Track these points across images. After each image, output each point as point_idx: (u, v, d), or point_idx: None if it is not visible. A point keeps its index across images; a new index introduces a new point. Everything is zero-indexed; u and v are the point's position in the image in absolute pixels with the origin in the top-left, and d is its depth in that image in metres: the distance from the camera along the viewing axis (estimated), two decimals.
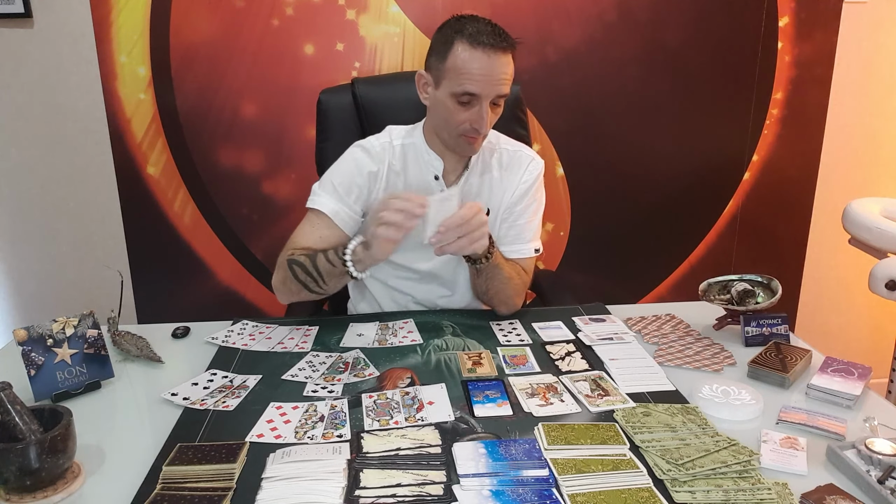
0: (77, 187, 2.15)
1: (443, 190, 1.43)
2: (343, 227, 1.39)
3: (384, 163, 1.42)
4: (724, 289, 1.42)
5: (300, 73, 2.06)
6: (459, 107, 1.31)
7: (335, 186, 1.40)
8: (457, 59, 1.28)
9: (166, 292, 2.21)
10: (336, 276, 1.32)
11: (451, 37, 1.30)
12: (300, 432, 1.02)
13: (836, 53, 2.27)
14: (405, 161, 1.44)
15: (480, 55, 1.27)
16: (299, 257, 1.34)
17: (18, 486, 0.88)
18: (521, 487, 0.89)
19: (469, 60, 1.27)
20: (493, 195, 1.48)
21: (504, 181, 1.48)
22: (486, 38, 1.26)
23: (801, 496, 0.88)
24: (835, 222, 2.12)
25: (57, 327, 1.13)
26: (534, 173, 1.50)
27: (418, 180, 1.43)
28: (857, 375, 1.16)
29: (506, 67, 1.29)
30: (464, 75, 1.28)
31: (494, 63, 1.27)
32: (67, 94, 2.07)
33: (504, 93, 1.31)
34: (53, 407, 0.96)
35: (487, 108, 1.30)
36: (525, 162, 1.50)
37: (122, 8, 1.98)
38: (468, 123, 1.32)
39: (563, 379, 1.18)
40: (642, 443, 0.98)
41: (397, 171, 1.43)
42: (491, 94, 1.29)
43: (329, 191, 1.40)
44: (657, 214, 2.34)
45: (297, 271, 1.33)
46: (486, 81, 1.28)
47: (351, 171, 1.41)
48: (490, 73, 1.27)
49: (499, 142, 1.51)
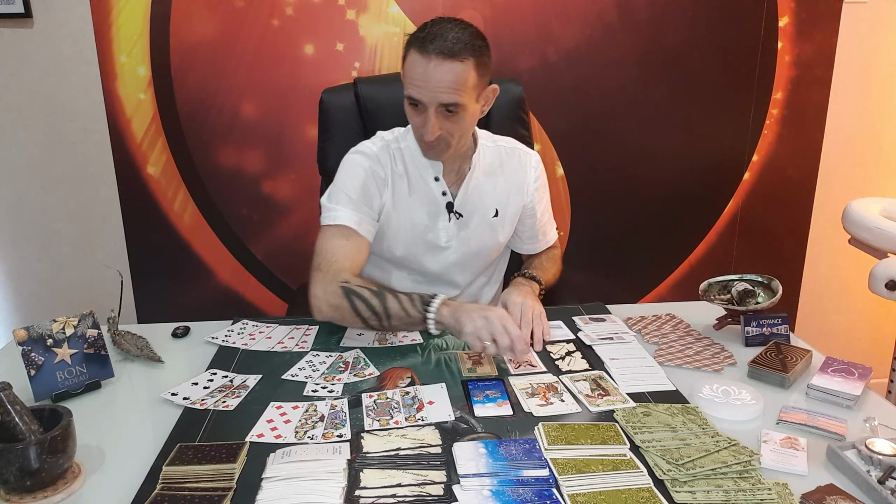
0: (77, 187, 2.15)
1: (444, 193, 1.43)
2: (367, 235, 1.37)
3: (388, 166, 1.42)
4: (724, 289, 1.42)
5: (300, 74, 2.06)
6: (412, 111, 1.31)
7: (350, 197, 1.36)
8: (407, 63, 1.28)
9: (166, 292, 2.21)
10: (408, 324, 1.26)
11: (409, 41, 1.29)
12: (300, 432, 1.02)
13: (836, 53, 2.27)
14: (405, 163, 1.43)
15: (423, 61, 1.24)
16: (362, 291, 1.26)
17: (18, 486, 0.88)
18: (522, 487, 0.89)
19: (413, 65, 1.26)
20: (498, 194, 1.48)
21: (511, 182, 1.49)
22: (433, 45, 1.23)
23: (801, 496, 0.88)
24: (835, 222, 2.12)
25: (57, 327, 1.13)
26: (538, 169, 1.53)
27: (419, 182, 1.43)
28: (858, 375, 1.16)
29: (448, 76, 1.23)
30: (408, 80, 1.28)
31: (437, 70, 1.23)
32: (67, 94, 2.07)
33: (446, 101, 1.25)
34: (53, 407, 0.96)
35: (432, 116, 1.27)
36: (526, 160, 1.51)
37: (122, 8, 1.98)
38: (420, 129, 1.31)
39: (564, 379, 1.18)
40: (642, 443, 0.98)
41: (400, 173, 1.42)
42: (432, 101, 1.25)
43: (345, 202, 1.36)
44: (657, 214, 2.34)
45: (358, 306, 1.25)
46: (426, 88, 1.25)
47: (362, 178, 1.38)
48: (428, 80, 1.24)
49: (494, 140, 1.51)
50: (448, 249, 1.46)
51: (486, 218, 1.47)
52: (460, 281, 1.51)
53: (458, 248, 1.46)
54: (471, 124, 1.35)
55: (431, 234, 1.44)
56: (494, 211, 1.48)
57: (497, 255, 1.56)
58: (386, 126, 1.54)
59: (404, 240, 1.44)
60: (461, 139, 1.35)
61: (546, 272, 1.53)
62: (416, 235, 1.44)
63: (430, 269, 1.47)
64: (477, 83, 1.29)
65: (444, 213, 1.43)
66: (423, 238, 1.44)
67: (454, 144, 1.34)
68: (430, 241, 1.44)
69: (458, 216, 1.44)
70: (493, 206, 1.47)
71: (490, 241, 1.49)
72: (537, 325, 1.29)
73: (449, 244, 1.45)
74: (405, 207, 1.42)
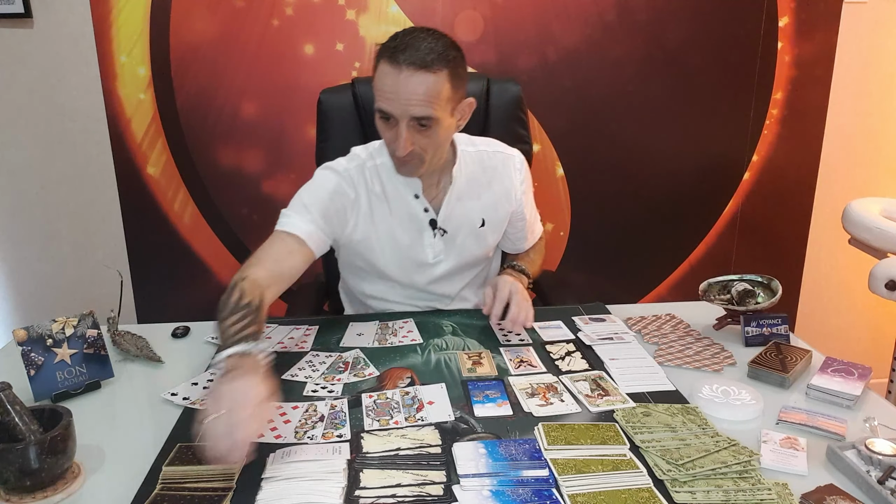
0: (77, 187, 2.15)
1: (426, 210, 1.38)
2: (314, 248, 1.31)
3: (362, 187, 1.36)
4: (724, 289, 1.42)
5: (300, 74, 2.06)
6: (383, 125, 1.26)
7: (307, 207, 1.32)
8: (377, 74, 1.23)
9: (166, 292, 2.21)
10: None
11: (379, 51, 1.23)
12: (300, 432, 1.02)
13: (835, 53, 2.27)
14: (382, 182, 1.38)
15: (394, 72, 1.19)
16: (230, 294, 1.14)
17: (18, 486, 0.88)
18: (521, 488, 0.89)
19: (383, 77, 1.21)
20: (488, 206, 1.44)
21: (497, 191, 1.45)
22: (404, 55, 1.18)
23: (801, 496, 0.88)
24: (835, 222, 2.12)
25: (57, 327, 1.13)
26: (522, 171, 1.49)
27: (398, 202, 1.38)
28: (857, 376, 1.16)
29: (419, 87, 1.18)
30: (378, 92, 1.22)
31: (407, 82, 1.18)
32: (67, 94, 2.07)
33: (417, 115, 1.20)
34: (53, 407, 0.96)
35: (404, 130, 1.21)
36: (509, 164, 1.46)
37: (121, 8, 1.98)
38: (392, 144, 1.26)
39: (563, 379, 1.18)
40: (642, 443, 0.98)
41: (378, 193, 1.37)
42: (403, 114, 1.20)
43: (300, 211, 1.31)
44: (657, 214, 2.34)
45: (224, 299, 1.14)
46: (396, 100, 1.20)
47: (322, 191, 1.34)
48: (399, 92, 1.19)
49: (473, 143, 1.45)
50: (437, 265, 1.44)
51: (473, 229, 1.44)
52: (451, 291, 1.50)
53: (446, 262, 1.44)
54: (445, 139, 1.30)
55: (418, 252, 1.41)
56: (481, 221, 1.44)
57: (488, 260, 1.55)
58: None
59: (391, 258, 1.41)
60: (435, 154, 1.30)
61: (533, 264, 1.55)
62: (403, 254, 1.41)
63: (420, 283, 1.46)
64: (451, 96, 1.23)
65: (427, 229, 1.40)
66: (409, 256, 1.41)
67: (428, 160, 1.29)
68: (417, 258, 1.42)
69: (443, 232, 1.41)
70: (479, 217, 1.44)
71: (479, 250, 1.47)
72: (522, 308, 1.30)
73: (437, 259, 1.43)
74: (388, 227, 1.38)
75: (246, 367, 0.97)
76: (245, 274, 1.19)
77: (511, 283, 1.34)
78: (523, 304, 1.32)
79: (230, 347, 1.01)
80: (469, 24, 2.06)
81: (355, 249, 1.41)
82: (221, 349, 1.02)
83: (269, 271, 1.23)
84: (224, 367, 0.99)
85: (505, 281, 1.34)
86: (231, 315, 1.09)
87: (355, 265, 1.46)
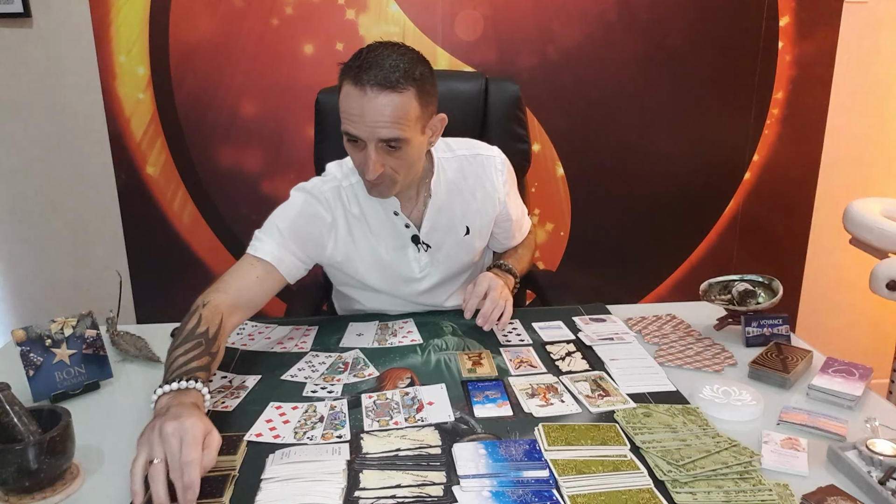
0: (76, 187, 2.15)
1: (407, 226, 1.35)
2: (286, 275, 1.27)
3: (338, 210, 1.33)
4: (724, 289, 1.42)
5: (300, 73, 2.06)
6: (351, 148, 1.22)
7: (280, 231, 1.27)
8: (342, 95, 1.18)
9: (165, 292, 2.21)
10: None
11: (343, 70, 1.19)
12: (300, 433, 1.02)
13: (836, 53, 2.27)
14: (359, 203, 1.34)
15: (358, 94, 1.14)
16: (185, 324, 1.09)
17: (17, 487, 0.88)
18: (522, 488, 0.89)
19: (347, 98, 1.16)
20: (470, 213, 1.41)
21: (479, 196, 1.41)
22: (367, 75, 1.14)
23: (801, 497, 0.88)
24: (835, 222, 2.12)
25: (55, 327, 1.13)
26: (504, 172, 1.44)
27: (378, 221, 1.35)
28: (858, 376, 1.16)
29: (386, 109, 1.14)
30: (344, 114, 1.18)
31: (372, 103, 1.14)
32: (66, 94, 2.07)
33: (385, 136, 1.16)
34: (52, 407, 0.96)
35: (373, 152, 1.17)
36: (489, 166, 1.42)
37: (121, 7, 1.98)
38: (362, 167, 1.22)
39: (564, 379, 1.18)
40: (643, 443, 0.97)
41: (356, 215, 1.34)
42: (370, 137, 1.16)
43: (273, 235, 1.27)
44: (658, 214, 2.34)
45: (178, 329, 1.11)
46: (363, 123, 1.15)
47: (295, 215, 1.30)
48: (364, 115, 1.15)
49: (451, 148, 1.41)
50: (423, 279, 1.41)
51: (458, 238, 1.41)
52: (441, 300, 1.48)
53: (433, 274, 1.42)
54: (418, 158, 1.26)
55: (403, 268, 1.39)
56: (465, 229, 1.41)
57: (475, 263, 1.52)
58: None
59: (378, 276, 1.39)
60: (408, 174, 1.25)
61: (521, 261, 1.54)
62: (389, 271, 1.39)
63: (409, 295, 1.44)
64: (420, 114, 1.19)
65: (411, 245, 1.38)
66: (395, 272, 1.39)
67: (400, 181, 1.24)
68: (403, 274, 1.40)
69: (427, 247, 1.38)
70: (462, 226, 1.41)
71: (465, 258, 1.45)
72: (498, 308, 1.31)
73: (423, 273, 1.41)
74: (369, 246, 1.36)
75: (186, 403, 0.91)
76: (208, 299, 1.14)
77: (490, 279, 1.34)
78: (499, 301, 1.32)
79: (171, 382, 0.96)
80: (469, 23, 2.06)
81: (340, 269, 1.39)
82: (163, 382, 0.97)
83: (234, 298, 1.19)
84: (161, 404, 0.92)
85: (484, 277, 1.35)
86: (183, 343, 1.04)
87: (343, 281, 1.46)
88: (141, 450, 0.84)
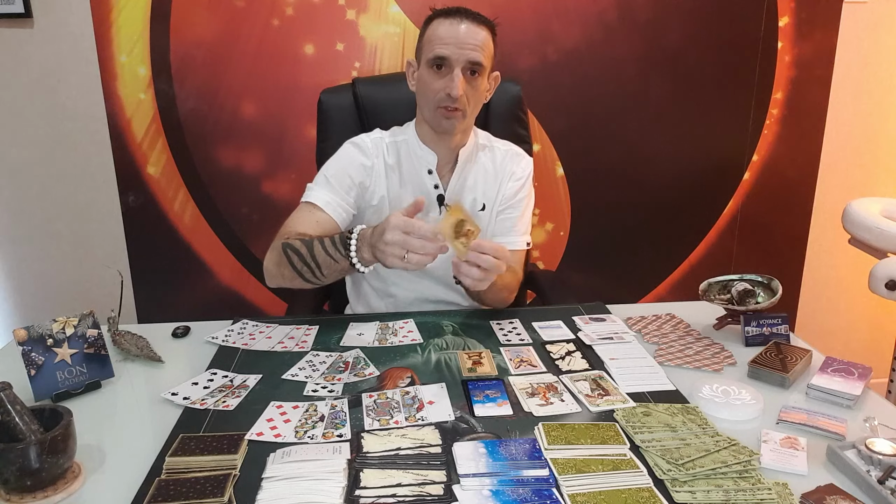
0: (77, 187, 2.15)
1: (437, 185, 1.47)
2: (336, 217, 1.42)
3: (378, 157, 1.47)
4: (724, 288, 1.42)
5: (300, 73, 2.06)
6: (434, 75, 1.37)
7: (328, 179, 1.44)
8: (431, 31, 1.37)
9: (166, 292, 2.21)
10: (337, 270, 1.28)
11: (431, 15, 1.40)
12: (300, 432, 1.02)
13: (835, 53, 2.27)
14: (398, 156, 1.48)
15: (450, 22, 1.35)
16: (295, 242, 1.31)
17: (19, 486, 0.88)
18: (522, 487, 0.89)
19: (440, 27, 1.36)
20: (487, 189, 1.51)
21: (498, 175, 1.52)
22: (459, 13, 1.36)
23: (801, 496, 0.88)
24: (835, 222, 2.12)
25: (57, 327, 1.13)
26: (527, 170, 1.55)
27: (412, 175, 1.48)
28: (857, 375, 1.16)
29: (476, 35, 1.35)
30: (435, 41, 1.36)
31: (465, 30, 1.34)
32: (67, 95, 2.07)
33: (475, 59, 1.34)
34: (53, 407, 0.96)
35: (459, 74, 1.34)
36: (518, 159, 1.55)
37: (122, 8, 1.98)
38: (443, 92, 1.35)
39: (564, 378, 1.18)
40: (642, 443, 0.98)
41: (391, 165, 1.47)
42: (461, 58, 1.34)
43: (322, 184, 1.44)
44: (657, 214, 2.34)
45: (293, 258, 1.30)
46: (455, 45, 1.34)
47: (343, 164, 1.46)
48: (458, 38, 1.34)
49: (490, 141, 1.55)
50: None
51: (475, 212, 1.50)
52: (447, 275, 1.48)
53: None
54: (482, 98, 1.43)
55: None
56: (482, 205, 1.51)
57: None
58: (384, 126, 1.54)
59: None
60: (474, 110, 1.42)
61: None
62: None
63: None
64: (492, 55, 1.39)
65: (435, 206, 1.47)
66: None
67: (469, 114, 1.40)
68: None
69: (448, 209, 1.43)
70: (481, 201, 1.51)
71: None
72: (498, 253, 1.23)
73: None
74: (397, 197, 1.47)
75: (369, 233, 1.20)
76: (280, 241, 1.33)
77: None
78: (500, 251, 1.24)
79: (350, 239, 1.23)
80: None
81: (369, 219, 1.48)
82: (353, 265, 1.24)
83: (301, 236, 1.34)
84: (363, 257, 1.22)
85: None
86: (307, 246, 1.27)
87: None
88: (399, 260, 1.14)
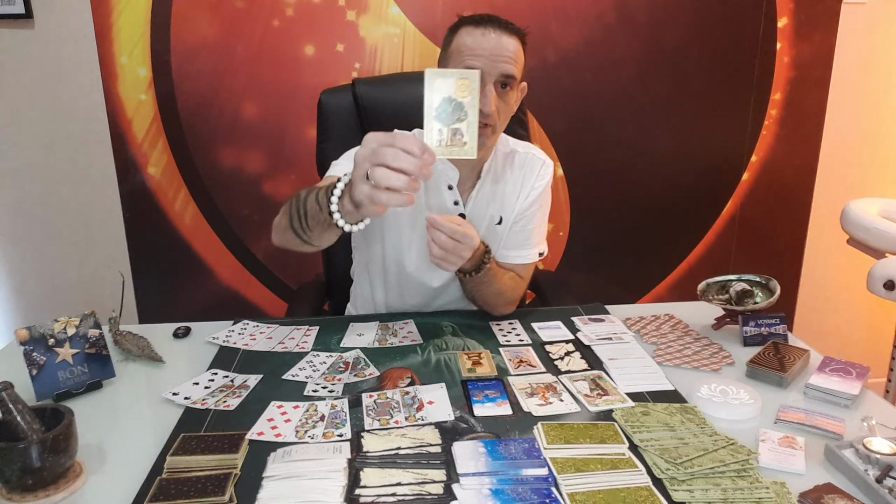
0: (78, 188, 2.16)
1: (457, 202, 1.41)
2: None
3: None
4: (722, 289, 1.42)
5: (300, 74, 2.07)
6: None
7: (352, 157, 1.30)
8: (460, 40, 1.28)
9: (167, 292, 2.21)
10: (321, 223, 1.11)
11: (457, 25, 1.31)
12: (301, 431, 1.02)
13: (834, 54, 2.27)
14: None
15: (482, 32, 1.26)
16: (301, 190, 1.20)
17: (20, 485, 0.89)
18: (521, 486, 0.89)
19: (468, 37, 1.27)
20: (506, 202, 1.45)
21: (517, 187, 1.45)
22: (490, 22, 1.27)
23: (799, 495, 0.88)
24: (833, 222, 2.13)
25: (58, 327, 1.13)
26: (545, 178, 1.48)
27: (434, 192, 1.41)
28: (856, 375, 1.16)
29: (510, 46, 1.27)
30: (465, 52, 1.27)
31: (498, 41, 1.26)
32: (68, 95, 2.07)
33: (508, 72, 1.26)
34: (55, 406, 0.97)
35: (492, 88, 1.26)
36: (537, 166, 1.47)
37: (122, 9, 1.98)
38: None
39: (563, 378, 1.18)
40: (641, 442, 0.98)
41: None
42: (494, 71, 1.25)
43: (346, 158, 1.36)
44: (656, 214, 2.35)
45: (291, 205, 1.19)
46: (488, 57, 1.25)
47: None
48: (491, 49, 1.25)
49: (508, 143, 1.48)
50: None
51: (491, 227, 1.45)
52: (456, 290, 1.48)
53: None
54: (511, 111, 1.35)
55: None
56: (499, 219, 1.45)
57: None
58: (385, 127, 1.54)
59: (417, 254, 1.41)
60: (503, 125, 1.35)
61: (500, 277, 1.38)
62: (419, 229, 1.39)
63: (432, 284, 1.45)
64: (522, 67, 1.31)
65: None
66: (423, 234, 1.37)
67: (498, 129, 1.33)
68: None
69: None
70: (498, 214, 1.45)
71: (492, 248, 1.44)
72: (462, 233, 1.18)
73: None
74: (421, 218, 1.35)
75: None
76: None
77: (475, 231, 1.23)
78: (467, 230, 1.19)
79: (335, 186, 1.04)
80: None
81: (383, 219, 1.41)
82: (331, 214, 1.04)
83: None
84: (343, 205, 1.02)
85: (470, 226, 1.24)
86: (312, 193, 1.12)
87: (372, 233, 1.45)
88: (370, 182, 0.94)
